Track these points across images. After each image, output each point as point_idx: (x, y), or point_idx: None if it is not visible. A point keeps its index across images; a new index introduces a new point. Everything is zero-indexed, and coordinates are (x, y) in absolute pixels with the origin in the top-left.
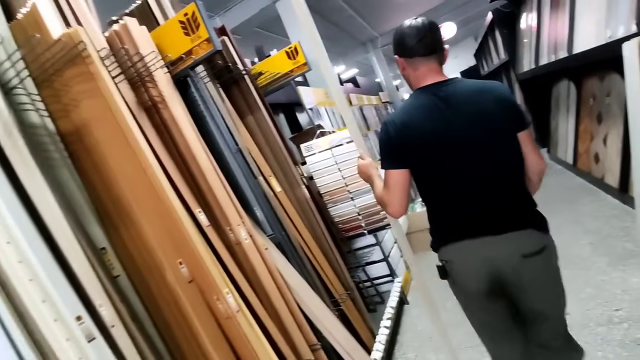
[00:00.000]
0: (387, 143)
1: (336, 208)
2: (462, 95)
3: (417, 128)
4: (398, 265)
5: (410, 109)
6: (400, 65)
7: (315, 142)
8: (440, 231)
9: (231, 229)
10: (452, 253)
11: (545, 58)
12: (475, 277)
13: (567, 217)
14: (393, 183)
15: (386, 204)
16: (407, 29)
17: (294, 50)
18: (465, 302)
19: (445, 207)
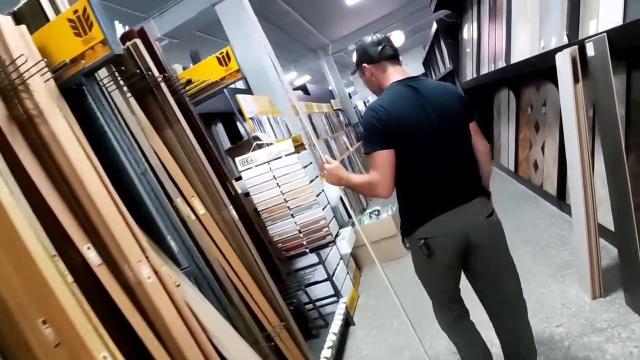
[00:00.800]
0: (376, 126)
1: (275, 226)
2: (430, 90)
3: (402, 113)
4: (344, 284)
5: (393, 98)
6: (368, 73)
7: (251, 156)
8: (419, 211)
9: (130, 267)
10: (431, 229)
11: (485, 68)
12: (453, 245)
13: (509, 225)
14: (382, 161)
15: (375, 184)
16: (370, 41)
17: (225, 56)
18: (435, 276)
19: (424, 186)
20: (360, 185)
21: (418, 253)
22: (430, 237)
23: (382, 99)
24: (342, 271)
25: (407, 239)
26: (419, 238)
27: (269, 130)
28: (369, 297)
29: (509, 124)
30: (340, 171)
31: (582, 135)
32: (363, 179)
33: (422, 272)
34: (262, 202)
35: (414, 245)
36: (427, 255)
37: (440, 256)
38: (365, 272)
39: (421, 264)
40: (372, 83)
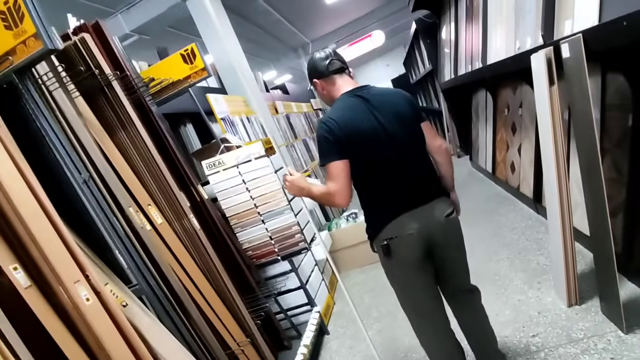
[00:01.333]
0: (328, 139)
1: (245, 233)
2: (378, 96)
3: (352, 123)
4: (319, 292)
5: (343, 109)
6: (320, 87)
7: (218, 159)
8: (380, 214)
9: (65, 288)
10: (394, 229)
11: (463, 68)
12: (414, 245)
13: (486, 228)
14: (337, 171)
15: (333, 194)
16: (318, 57)
17: (190, 53)
18: (403, 275)
19: (382, 191)
20: (319, 196)
21: (381, 255)
22: (393, 237)
23: (332, 111)
24: (316, 278)
25: (374, 243)
26: (383, 239)
27: (242, 131)
28: (345, 304)
29: (487, 125)
30: (302, 182)
31: (557, 138)
32: (322, 189)
33: (391, 276)
34: (231, 208)
35: (378, 248)
36: (388, 255)
37: (404, 254)
38: (343, 276)
39: (387, 266)
40: (324, 96)
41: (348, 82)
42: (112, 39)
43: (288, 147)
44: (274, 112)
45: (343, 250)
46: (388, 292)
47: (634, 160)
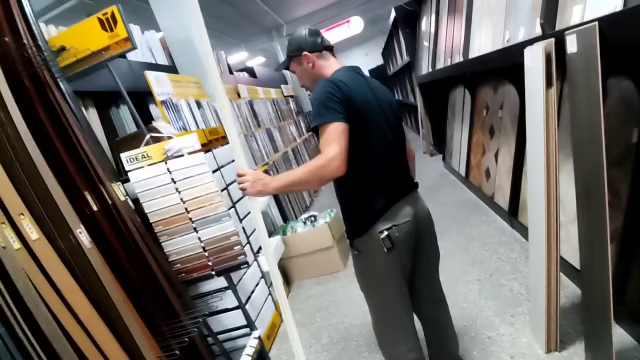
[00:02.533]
0: (335, 96)
1: (173, 242)
2: (373, 81)
3: (359, 93)
4: (263, 308)
5: (348, 77)
6: (309, 62)
7: (142, 151)
8: (375, 202)
9: None
10: (395, 214)
11: (441, 62)
12: (410, 234)
13: (455, 240)
14: (339, 133)
15: (332, 159)
16: (307, 32)
17: (110, 18)
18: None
19: (379, 174)
20: (305, 174)
21: (377, 251)
22: (392, 226)
23: (338, 75)
24: (261, 292)
25: (359, 240)
26: (379, 231)
27: (187, 117)
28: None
29: (462, 126)
30: (261, 175)
31: (550, 151)
32: (310, 164)
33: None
34: (155, 212)
35: (373, 243)
36: (389, 248)
37: (403, 245)
38: (296, 288)
39: (381, 264)
40: (308, 74)
41: (338, 61)
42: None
43: (247, 137)
44: (236, 97)
45: (298, 258)
46: (343, 313)
47: (636, 184)
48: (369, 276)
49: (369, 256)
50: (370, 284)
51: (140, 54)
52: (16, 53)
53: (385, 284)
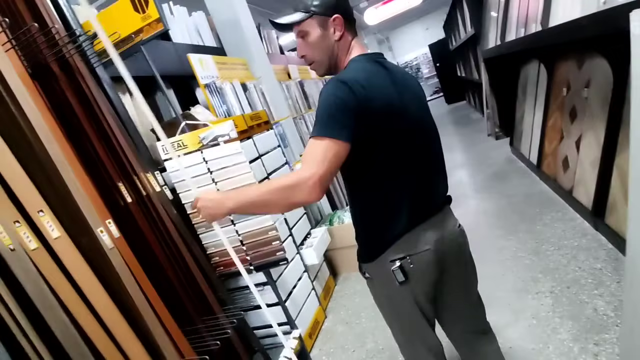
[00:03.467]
0: (347, 105)
1: (210, 235)
2: (399, 73)
3: (384, 95)
4: (305, 304)
5: (368, 73)
6: (337, 29)
7: (178, 140)
8: (392, 223)
9: None
10: (411, 243)
11: (512, 33)
12: (430, 265)
13: (523, 240)
14: (333, 154)
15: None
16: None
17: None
18: (414, 309)
19: (400, 191)
20: (268, 193)
21: (388, 282)
22: (405, 256)
23: (353, 73)
24: (304, 288)
25: (368, 266)
26: (391, 260)
27: (232, 101)
28: (338, 321)
29: (536, 106)
30: (216, 193)
31: None
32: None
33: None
34: (191, 203)
35: (383, 272)
36: (401, 282)
37: (420, 278)
38: (342, 281)
39: (392, 297)
40: (328, 45)
41: (362, 45)
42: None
43: (297, 119)
44: (286, 77)
45: (344, 250)
46: None
47: None
48: (383, 305)
49: (379, 285)
50: (387, 317)
51: (188, 36)
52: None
53: (400, 319)
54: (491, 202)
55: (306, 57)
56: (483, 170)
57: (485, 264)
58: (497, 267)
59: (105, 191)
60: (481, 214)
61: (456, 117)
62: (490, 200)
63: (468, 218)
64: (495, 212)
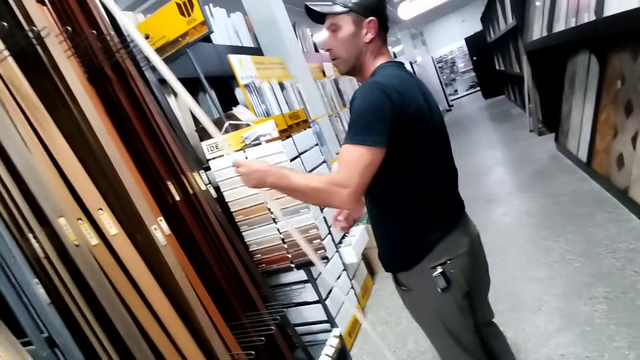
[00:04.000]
0: (384, 112)
1: (253, 232)
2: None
3: (416, 102)
4: (344, 304)
5: (401, 80)
6: (373, 31)
7: (222, 140)
8: (430, 231)
9: None
10: (446, 249)
11: (561, 23)
12: (467, 268)
13: (573, 242)
14: (369, 162)
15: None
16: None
17: (187, 2)
18: (458, 313)
19: (434, 196)
20: (308, 187)
21: (429, 290)
22: (446, 261)
23: (388, 79)
24: (343, 286)
25: (405, 275)
26: (431, 267)
27: (270, 100)
28: (377, 320)
29: (585, 100)
30: (263, 164)
31: None
32: (324, 177)
33: (435, 321)
34: (235, 201)
35: (423, 280)
36: (443, 288)
37: (460, 284)
38: (380, 280)
39: (435, 306)
40: (357, 45)
41: (389, 53)
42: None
43: (332, 117)
44: (321, 75)
45: None
46: None
47: None
48: (424, 317)
49: (419, 295)
50: (428, 326)
51: (227, 37)
52: (97, 45)
53: (445, 328)
54: (535, 201)
55: (332, 51)
56: (525, 168)
57: (531, 267)
58: (544, 270)
59: (155, 190)
60: (524, 214)
61: (495, 113)
62: (534, 200)
63: (509, 218)
64: (540, 211)
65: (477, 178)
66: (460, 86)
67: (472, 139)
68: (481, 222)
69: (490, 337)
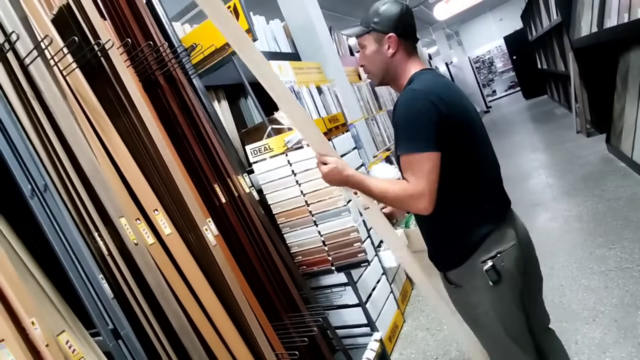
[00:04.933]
0: (431, 118)
1: (294, 234)
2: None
3: (461, 103)
4: (384, 307)
5: (440, 84)
6: (392, 47)
7: (265, 143)
8: (480, 226)
9: None
10: (495, 242)
11: (614, 18)
12: (519, 261)
13: (631, 250)
14: (431, 167)
15: (420, 197)
16: (404, 9)
17: (232, 12)
18: (513, 307)
19: (485, 190)
20: (390, 194)
21: (480, 285)
22: (496, 254)
23: (429, 84)
24: (383, 290)
25: (456, 273)
26: (482, 261)
27: (309, 105)
28: (417, 326)
29: None
30: (347, 168)
31: None
32: (397, 186)
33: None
34: (278, 204)
35: (474, 275)
36: (495, 281)
37: (512, 278)
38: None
39: (488, 300)
40: (382, 60)
41: (420, 60)
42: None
43: (368, 120)
44: (357, 79)
45: (422, 253)
46: None
47: None
48: (476, 315)
49: (471, 291)
50: (479, 324)
51: (266, 44)
52: (151, 55)
53: (497, 325)
54: (586, 206)
55: (364, 67)
56: (573, 171)
57: (583, 275)
58: (599, 278)
59: (203, 192)
60: (574, 220)
61: (538, 113)
62: (585, 205)
63: (557, 223)
64: (592, 217)
65: (519, 182)
66: (498, 87)
67: (512, 141)
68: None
69: (546, 343)
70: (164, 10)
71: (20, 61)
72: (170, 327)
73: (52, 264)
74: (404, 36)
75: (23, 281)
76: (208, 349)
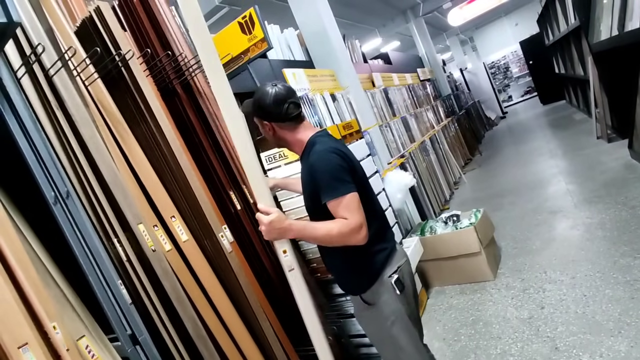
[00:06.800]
0: (344, 167)
1: None
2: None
3: (352, 156)
4: None
5: (337, 142)
6: (269, 129)
7: (279, 151)
8: (382, 248)
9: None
10: (396, 259)
11: (635, 21)
12: (410, 273)
13: None
14: (358, 204)
15: (359, 228)
16: (275, 98)
17: (248, 21)
18: (414, 313)
19: (379, 219)
20: (335, 231)
21: (390, 296)
22: (398, 267)
23: (331, 144)
24: None
25: (370, 292)
26: (389, 275)
27: (323, 112)
28: (433, 336)
29: None
30: (287, 218)
31: None
32: (338, 224)
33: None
34: (292, 211)
35: (384, 289)
36: (401, 290)
37: (410, 285)
38: (435, 294)
39: (396, 309)
40: (272, 137)
41: (309, 124)
42: (161, 8)
43: (382, 127)
44: (370, 86)
45: (437, 262)
46: (494, 335)
47: None
48: (389, 327)
49: (384, 305)
50: (391, 335)
51: (280, 52)
52: (169, 65)
53: (405, 334)
54: (608, 213)
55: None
56: (594, 177)
57: (607, 285)
58: (624, 289)
59: (219, 199)
60: (597, 227)
61: (556, 119)
62: (607, 212)
63: (578, 231)
64: (615, 225)
65: (537, 188)
66: (514, 92)
67: (530, 147)
68: (544, 236)
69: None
70: (182, 20)
71: (45, 72)
72: (186, 332)
73: (72, 269)
74: (280, 119)
75: (45, 286)
76: (223, 355)
